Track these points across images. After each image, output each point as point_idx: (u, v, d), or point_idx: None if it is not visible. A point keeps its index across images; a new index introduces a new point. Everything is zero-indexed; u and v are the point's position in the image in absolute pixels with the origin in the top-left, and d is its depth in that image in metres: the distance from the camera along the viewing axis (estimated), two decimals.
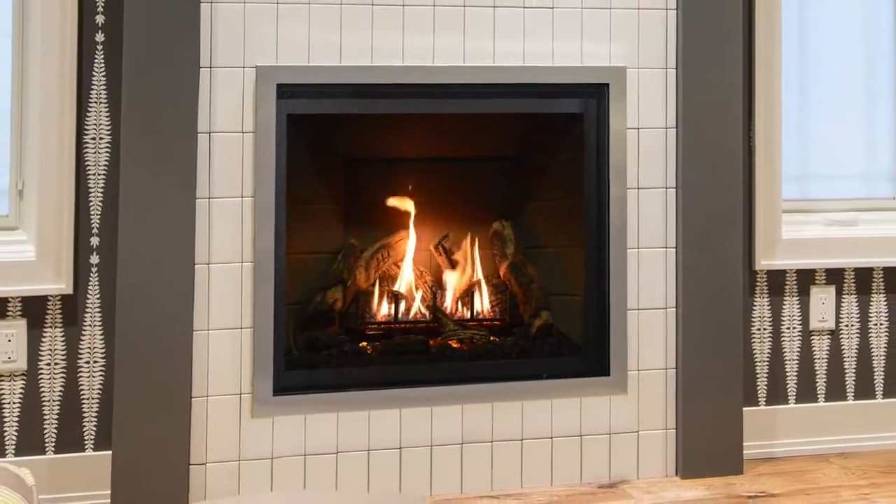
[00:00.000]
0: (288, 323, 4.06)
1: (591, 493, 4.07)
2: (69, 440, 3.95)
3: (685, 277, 4.24)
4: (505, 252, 4.46)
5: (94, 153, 4.00)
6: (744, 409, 4.32)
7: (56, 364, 3.95)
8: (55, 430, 3.94)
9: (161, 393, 3.82)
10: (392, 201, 4.45)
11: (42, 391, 3.93)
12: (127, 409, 3.79)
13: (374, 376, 4.10)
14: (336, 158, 4.40)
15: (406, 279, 4.42)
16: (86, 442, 3.97)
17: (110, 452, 3.85)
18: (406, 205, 4.43)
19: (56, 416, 3.94)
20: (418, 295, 4.41)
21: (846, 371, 4.60)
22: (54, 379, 3.94)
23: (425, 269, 4.48)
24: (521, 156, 4.58)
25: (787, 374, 4.55)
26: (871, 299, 4.62)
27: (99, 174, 4.00)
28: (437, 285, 4.46)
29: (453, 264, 4.47)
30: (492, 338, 4.36)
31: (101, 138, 4.00)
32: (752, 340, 4.51)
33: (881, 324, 4.62)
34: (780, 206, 4.55)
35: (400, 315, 4.38)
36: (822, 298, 4.58)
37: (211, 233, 3.90)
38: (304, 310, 4.24)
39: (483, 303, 4.45)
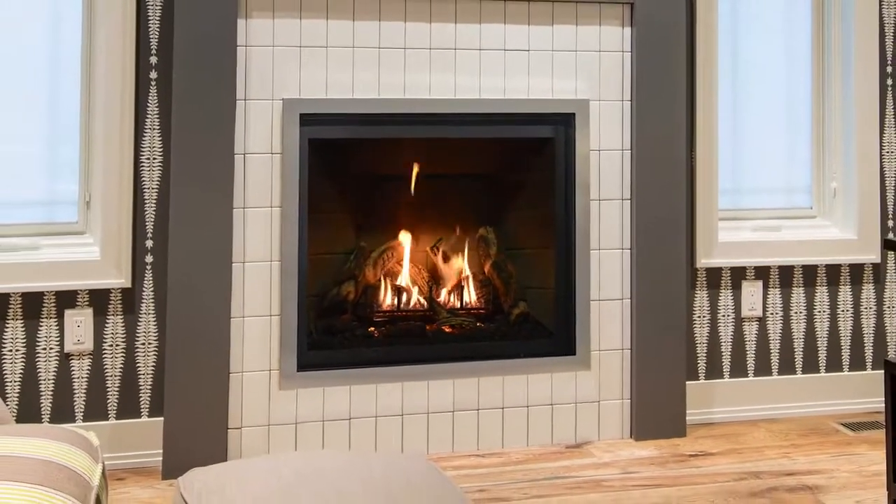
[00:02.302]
0: (309, 311, 4.05)
1: (559, 452, 4.08)
2: (128, 408, 3.95)
3: (638, 274, 4.24)
4: (489, 253, 4.44)
5: (149, 171, 3.99)
6: (686, 382, 4.32)
7: (117, 345, 3.95)
8: (116, 400, 3.94)
9: (204, 369, 3.82)
10: (395, 211, 4.44)
11: (105, 368, 3.93)
12: (176, 383, 3.79)
13: (380, 356, 4.09)
14: (349, 175, 4.38)
15: (406, 275, 4.39)
16: (141, 409, 3.97)
17: (162, 418, 3.85)
18: (406, 213, 4.41)
19: (117, 389, 3.94)
20: (416, 288, 4.39)
21: (771, 351, 4.59)
22: (115, 357, 3.95)
23: (423, 267, 4.46)
24: (502, 173, 4.55)
25: (723, 353, 4.54)
26: (792, 292, 4.62)
27: (152, 188, 3.99)
28: (433, 280, 4.44)
29: (446, 263, 4.45)
30: (478, 324, 4.36)
31: (154, 158, 4.00)
32: (694, 326, 4.50)
33: (800, 312, 4.61)
34: (717, 215, 4.54)
35: (401, 305, 4.36)
36: (751, 291, 4.58)
37: (245, 237, 3.90)
38: (322, 301, 4.23)
39: (471, 295, 4.43)
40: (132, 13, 3.96)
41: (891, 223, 4.74)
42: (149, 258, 3.99)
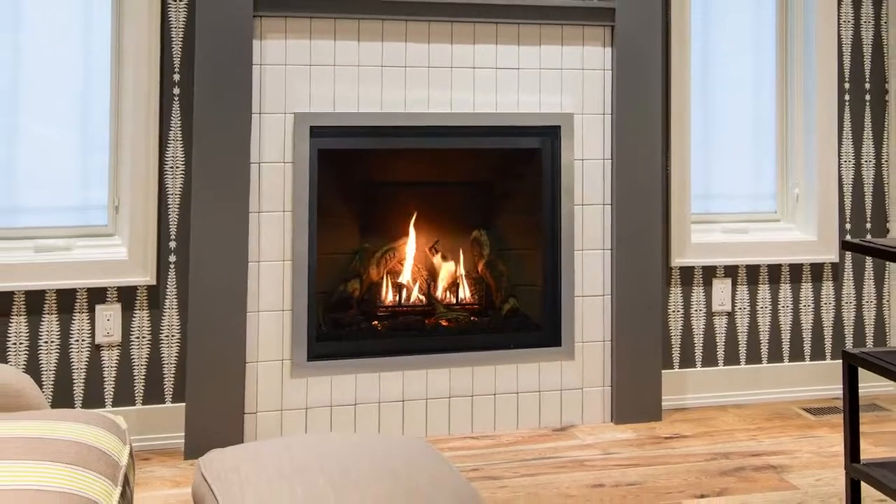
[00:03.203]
0: (318, 307, 4.05)
1: (546, 435, 4.08)
2: (152, 395, 3.95)
3: (618, 272, 4.24)
4: (482, 253, 4.44)
5: (172, 178, 3.99)
6: (662, 371, 4.32)
7: (143, 338, 3.95)
8: (142, 387, 3.94)
9: (222, 359, 3.82)
10: (396, 214, 4.42)
11: (132, 358, 3.93)
12: (197, 371, 3.79)
13: (382, 347, 4.09)
14: (354, 182, 4.37)
15: (407, 274, 4.39)
16: (165, 396, 3.97)
17: (184, 404, 3.86)
18: (407, 217, 4.39)
19: (143, 377, 3.94)
20: (416, 286, 4.39)
21: (739, 343, 4.59)
22: (141, 349, 3.95)
23: (422, 266, 4.45)
24: (494, 180, 4.54)
25: (695, 344, 4.54)
26: (759, 289, 4.62)
27: (175, 194, 3.99)
28: (431, 278, 4.43)
29: (443, 262, 4.44)
30: (472, 318, 4.37)
31: (176, 167, 3.99)
32: (669, 319, 4.50)
33: (766, 307, 4.61)
34: (690, 218, 4.54)
35: (402, 301, 4.37)
36: (721, 288, 4.57)
37: (260, 238, 3.90)
38: (329, 297, 4.23)
39: (465, 291, 4.43)
40: (156, 35, 3.96)
41: (848, 226, 4.74)
42: (172, 258, 3.99)
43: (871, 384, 4.56)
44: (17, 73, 3.96)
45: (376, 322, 4.26)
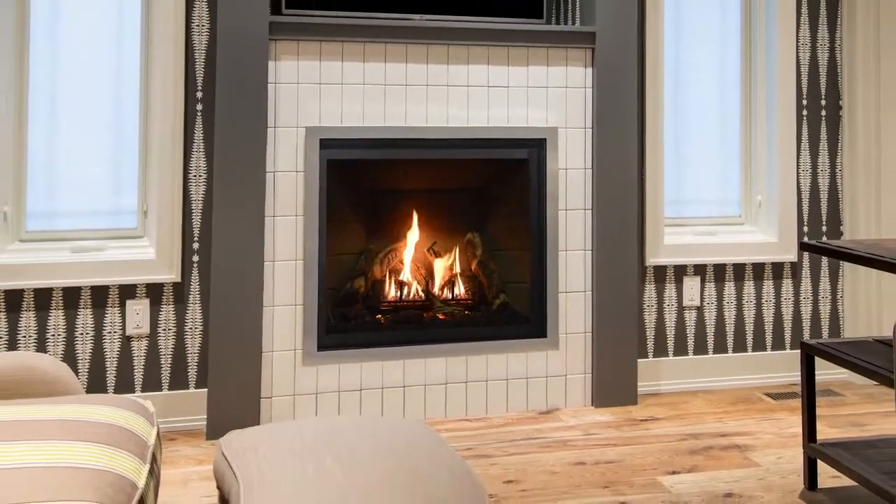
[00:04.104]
0: (327, 302, 4.05)
1: (533, 417, 4.09)
2: (178, 381, 3.95)
3: (598, 270, 4.24)
4: (475, 253, 4.44)
5: (195, 186, 4.00)
6: (637, 360, 4.32)
7: (169, 330, 3.95)
8: (168, 375, 3.95)
9: (241, 349, 3.82)
10: (397, 218, 4.42)
11: (159, 348, 3.93)
12: (218, 360, 3.79)
13: (385, 338, 4.09)
14: (360, 189, 4.36)
15: (407, 272, 4.39)
16: (189, 382, 3.97)
17: (206, 390, 3.87)
18: (407, 221, 4.40)
19: (169, 365, 3.95)
20: (415, 283, 4.38)
21: (707, 334, 4.59)
22: (168, 339, 3.95)
23: (421, 265, 4.44)
24: (486, 188, 4.53)
25: (668, 336, 4.54)
26: (725, 286, 4.62)
27: (198, 200, 4.00)
28: (429, 276, 4.43)
29: (440, 261, 4.44)
30: (466, 312, 4.36)
31: (199, 175, 4.00)
32: (644, 313, 4.51)
33: (731, 302, 4.61)
34: (663, 222, 4.54)
35: (403, 296, 4.36)
36: (691, 285, 4.57)
37: (274, 240, 3.90)
38: (337, 293, 4.23)
39: (460, 288, 4.42)
40: (181, 56, 3.97)
41: (806, 229, 4.75)
42: (195, 258, 3.99)
43: (826, 372, 4.59)
44: (55, 91, 3.97)
45: (379, 316, 4.26)
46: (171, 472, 3.44)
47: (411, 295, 4.38)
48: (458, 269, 4.44)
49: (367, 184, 4.40)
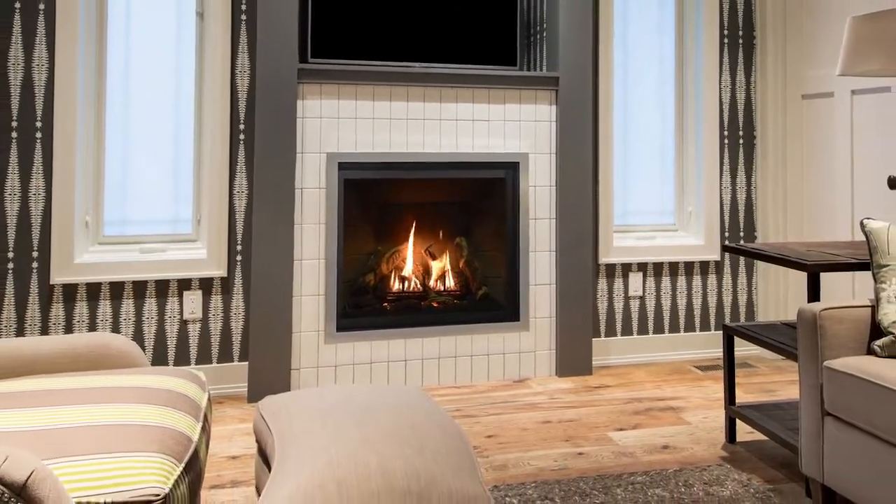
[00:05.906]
0: (343, 292, 4.05)
1: (509, 385, 4.08)
2: (224, 355, 3.95)
3: (560, 268, 4.25)
4: (462, 254, 4.43)
5: (239, 199, 4.00)
6: (592, 339, 4.33)
7: (217, 315, 3.95)
8: (217, 350, 3.95)
9: (276, 330, 3.82)
10: (400, 226, 4.41)
11: (210, 329, 3.94)
12: (257, 339, 3.79)
13: (390, 322, 4.08)
14: (370, 202, 4.35)
15: (408, 269, 4.37)
16: (234, 356, 3.97)
17: (247, 363, 3.89)
18: (408, 228, 4.39)
19: (217, 343, 3.95)
20: (415, 278, 4.37)
21: (648, 319, 4.60)
22: (216, 323, 3.95)
23: (419, 263, 4.43)
24: (471, 201, 4.52)
25: (616, 320, 4.55)
26: (662, 280, 4.62)
27: (241, 211, 4.00)
28: (425, 272, 4.42)
29: (434, 260, 4.43)
30: (455, 301, 4.36)
31: (242, 191, 4.00)
32: (597, 301, 4.51)
33: (667, 293, 4.60)
34: (613, 228, 4.54)
35: (405, 289, 4.35)
36: (635, 279, 4.57)
37: (302, 243, 3.90)
38: (352, 286, 4.22)
39: (450, 282, 4.42)
40: (227, 95, 3.97)
41: (727, 234, 4.76)
42: (239, 257, 4.00)
43: (743, 348, 4.62)
44: (127, 123, 3.97)
45: (386, 304, 4.26)
46: (218, 428, 3.45)
47: (411, 287, 4.37)
48: (448, 266, 4.44)
49: (376, 198, 4.39)
